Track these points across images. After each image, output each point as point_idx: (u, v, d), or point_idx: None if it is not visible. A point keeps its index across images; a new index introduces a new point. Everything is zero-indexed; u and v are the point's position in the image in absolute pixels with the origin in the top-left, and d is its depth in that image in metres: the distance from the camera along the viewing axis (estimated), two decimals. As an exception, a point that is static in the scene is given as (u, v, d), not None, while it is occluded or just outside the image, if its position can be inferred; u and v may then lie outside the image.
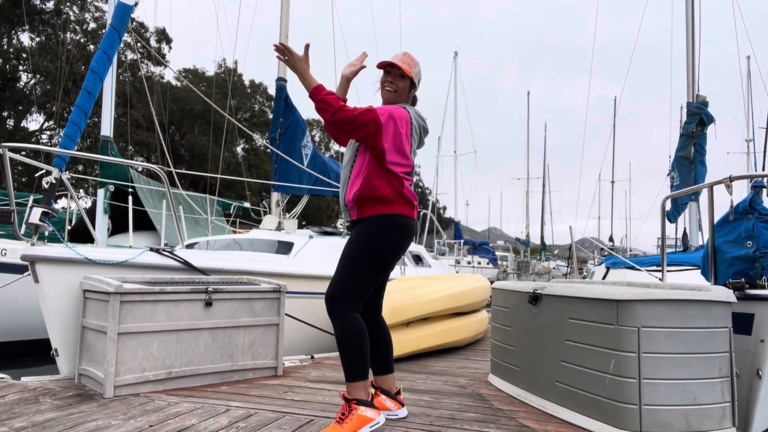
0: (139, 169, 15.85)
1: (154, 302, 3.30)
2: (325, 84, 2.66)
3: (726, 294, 2.53)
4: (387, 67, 2.84)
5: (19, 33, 21.88)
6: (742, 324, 2.80)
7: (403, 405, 2.85)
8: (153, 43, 26.18)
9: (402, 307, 4.48)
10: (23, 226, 4.36)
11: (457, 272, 13.04)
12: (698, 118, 8.11)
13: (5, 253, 6.05)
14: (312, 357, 4.61)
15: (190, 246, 6.07)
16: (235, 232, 11.33)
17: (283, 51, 2.65)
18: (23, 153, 15.89)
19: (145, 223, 9.82)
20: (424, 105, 3.32)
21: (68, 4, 21.95)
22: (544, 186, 45.23)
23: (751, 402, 2.74)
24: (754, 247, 2.89)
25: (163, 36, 26.71)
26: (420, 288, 4.84)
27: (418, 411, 2.96)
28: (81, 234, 9.29)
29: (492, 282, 4.50)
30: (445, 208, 50.44)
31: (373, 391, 2.85)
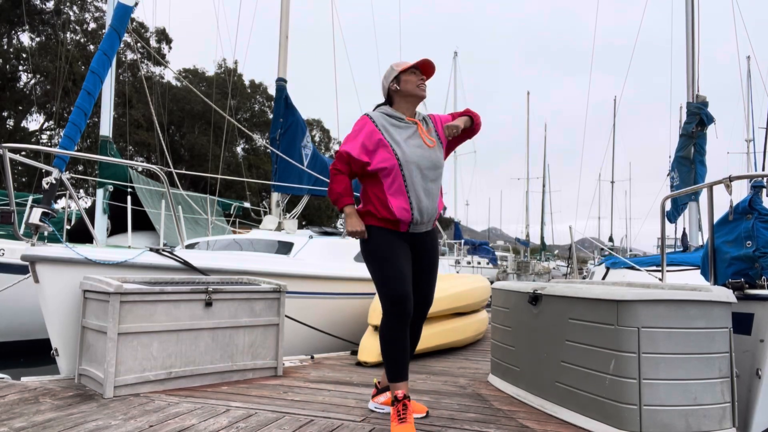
0: (139, 169, 15.85)
1: (154, 302, 3.30)
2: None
3: (726, 294, 2.53)
4: (419, 68, 2.88)
5: (19, 33, 21.87)
6: (742, 324, 2.80)
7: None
8: (153, 43, 26.16)
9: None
10: (23, 226, 4.36)
11: (457, 272, 13.04)
12: (698, 118, 8.11)
13: (3, 254, 6.05)
14: (312, 357, 4.61)
15: (190, 246, 6.08)
16: (235, 232, 11.33)
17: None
18: (23, 153, 15.89)
19: (144, 224, 9.83)
20: (424, 105, 3.35)
21: (68, 4, 21.95)
22: (544, 186, 45.24)
23: (751, 402, 2.74)
24: (753, 247, 2.89)
25: (163, 36, 26.69)
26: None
27: (418, 411, 2.96)
28: (80, 234, 9.30)
29: (492, 282, 4.50)
30: (445, 209, 50.42)
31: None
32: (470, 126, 2.89)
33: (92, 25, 22.84)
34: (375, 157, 2.75)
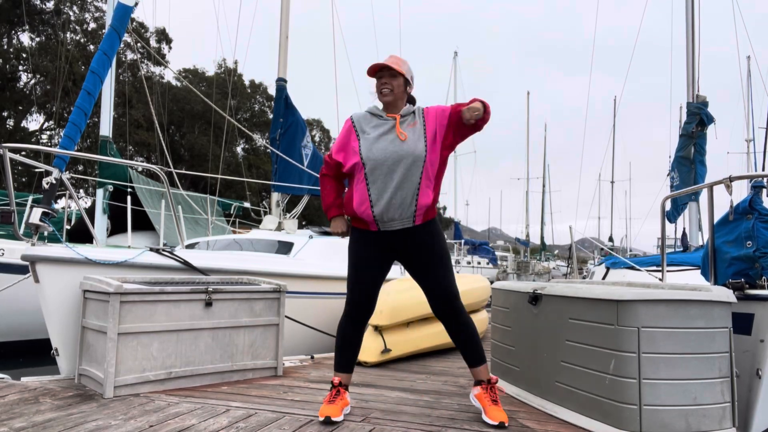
0: (139, 169, 15.85)
1: (154, 302, 3.30)
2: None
3: (726, 294, 2.53)
4: (377, 72, 2.84)
5: (19, 33, 21.87)
6: (742, 324, 2.80)
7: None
8: (153, 43, 26.16)
9: (402, 307, 4.49)
10: (23, 226, 4.36)
11: (457, 272, 13.04)
12: (698, 118, 8.11)
13: (3, 254, 6.05)
14: (312, 357, 4.61)
15: (190, 246, 6.08)
16: (235, 232, 11.33)
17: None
18: (23, 153, 15.89)
19: (144, 223, 9.83)
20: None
21: (68, 4, 21.95)
22: (544, 186, 45.25)
23: (751, 402, 2.74)
24: (753, 247, 2.89)
25: (163, 36, 26.70)
26: (420, 288, 4.83)
27: (418, 411, 2.96)
28: (80, 234, 9.30)
29: (492, 282, 4.50)
30: (445, 208, 50.43)
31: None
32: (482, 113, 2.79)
33: (92, 25, 22.85)
34: (348, 157, 2.84)
